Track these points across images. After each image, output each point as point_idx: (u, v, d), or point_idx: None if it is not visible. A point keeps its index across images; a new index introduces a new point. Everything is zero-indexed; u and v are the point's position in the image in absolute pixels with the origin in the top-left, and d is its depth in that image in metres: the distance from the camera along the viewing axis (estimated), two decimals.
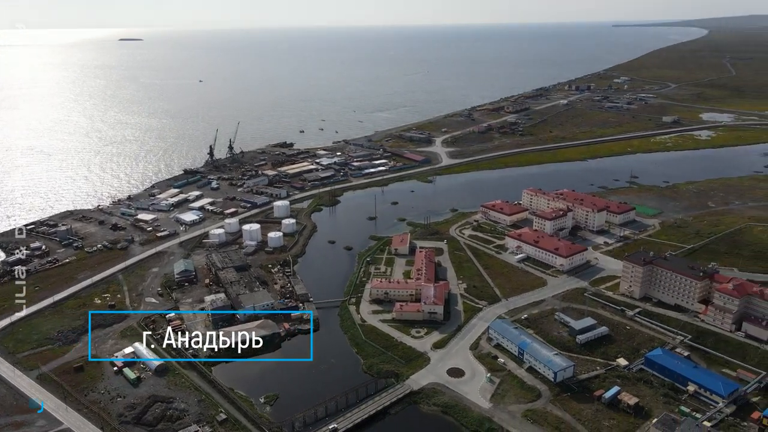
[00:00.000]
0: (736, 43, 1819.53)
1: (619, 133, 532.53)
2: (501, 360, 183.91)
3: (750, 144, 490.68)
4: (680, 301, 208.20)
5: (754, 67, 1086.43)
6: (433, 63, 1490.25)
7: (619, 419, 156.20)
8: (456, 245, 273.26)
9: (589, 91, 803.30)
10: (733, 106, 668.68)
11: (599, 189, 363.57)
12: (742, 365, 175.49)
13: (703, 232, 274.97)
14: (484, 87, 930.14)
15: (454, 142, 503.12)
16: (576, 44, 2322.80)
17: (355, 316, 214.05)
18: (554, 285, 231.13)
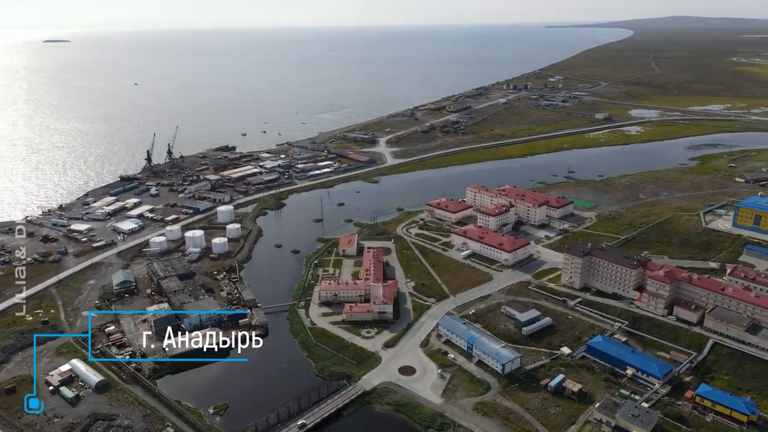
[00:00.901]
0: (659, 42, 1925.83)
1: (556, 130, 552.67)
2: (451, 355, 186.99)
3: (675, 138, 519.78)
4: (617, 290, 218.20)
5: (676, 66, 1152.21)
6: (376, 64, 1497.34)
7: (564, 406, 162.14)
8: (403, 244, 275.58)
9: (527, 90, 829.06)
10: (658, 103, 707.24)
11: (539, 184, 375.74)
12: (674, 347, 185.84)
13: (635, 222, 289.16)
14: (425, 87, 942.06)
15: (398, 142, 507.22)
16: (511, 45, 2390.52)
17: (305, 319, 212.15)
18: (500, 279, 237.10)
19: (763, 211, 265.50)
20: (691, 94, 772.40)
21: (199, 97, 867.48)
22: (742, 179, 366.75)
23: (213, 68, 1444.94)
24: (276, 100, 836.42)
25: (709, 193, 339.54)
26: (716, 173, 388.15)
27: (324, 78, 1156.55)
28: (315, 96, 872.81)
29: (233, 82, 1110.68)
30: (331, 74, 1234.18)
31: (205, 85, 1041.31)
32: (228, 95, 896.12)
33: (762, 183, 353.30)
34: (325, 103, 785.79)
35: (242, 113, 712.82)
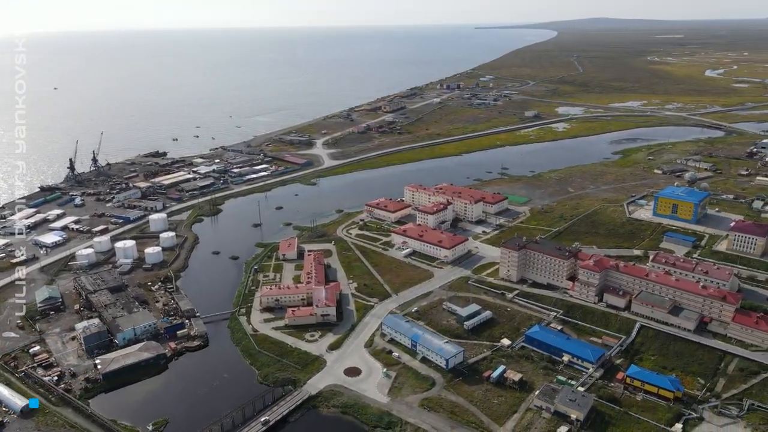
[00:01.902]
0: (581, 43, 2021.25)
1: (489, 128, 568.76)
2: (395, 354, 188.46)
3: (598, 134, 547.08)
4: (551, 280, 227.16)
5: (597, 65, 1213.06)
6: (311, 65, 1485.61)
7: (506, 396, 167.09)
8: (344, 246, 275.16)
9: (459, 90, 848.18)
10: (582, 101, 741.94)
11: (475, 181, 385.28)
12: (606, 332, 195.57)
13: (566, 215, 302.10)
14: (361, 88, 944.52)
15: (335, 144, 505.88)
16: (443, 45, 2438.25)
17: (247, 326, 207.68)
18: (440, 276, 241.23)
19: (680, 200, 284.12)
20: (612, 92, 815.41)
21: (127, 101, 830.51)
22: (660, 171, 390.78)
23: (142, 70, 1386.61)
24: (208, 103, 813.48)
25: (632, 184, 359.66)
26: (637, 166, 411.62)
27: (259, 80, 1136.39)
28: (249, 98, 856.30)
29: (162, 85, 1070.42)
30: (266, 76, 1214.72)
31: (133, 88, 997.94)
32: (156, 99, 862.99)
33: (677, 174, 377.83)
34: (260, 106, 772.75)
35: (173, 117, 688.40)
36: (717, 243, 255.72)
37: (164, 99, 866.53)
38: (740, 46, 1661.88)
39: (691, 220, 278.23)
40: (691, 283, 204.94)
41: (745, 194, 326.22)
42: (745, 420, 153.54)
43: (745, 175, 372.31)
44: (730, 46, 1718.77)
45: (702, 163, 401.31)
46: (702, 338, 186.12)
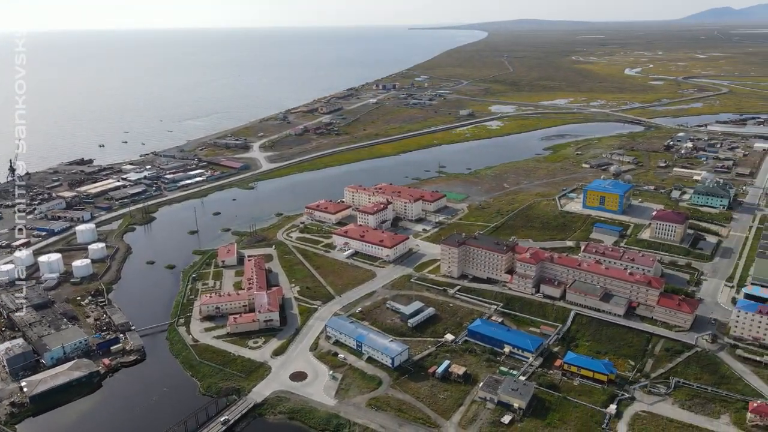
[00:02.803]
0: (511, 43, 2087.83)
1: (425, 128, 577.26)
2: (341, 356, 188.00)
3: (530, 131, 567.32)
4: (491, 274, 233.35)
5: (526, 64, 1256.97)
6: (245, 67, 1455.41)
7: (451, 390, 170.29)
8: (285, 249, 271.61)
9: (395, 90, 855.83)
10: (513, 99, 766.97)
11: (413, 180, 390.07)
12: (543, 322, 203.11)
13: (502, 210, 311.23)
14: (297, 89, 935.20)
15: (272, 146, 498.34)
16: (378, 46, 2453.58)
17: (186, 337, 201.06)
18: (383, 275, 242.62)
19: (607, 193, 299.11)
20: (541, 90, 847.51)
21: (48, 106, 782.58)
22: (588, 165, 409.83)
23: (62, 73, 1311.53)
24: (137, 107, 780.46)
25: (562, 179, 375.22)
26: (566, 161, 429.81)
27: (190, 83, 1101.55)
28: (181, 102, 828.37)
29: (85, 88, 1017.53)
30: (198, 79, 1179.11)
31: (52, 92, 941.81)
32: (79, 103, 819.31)
33: (603, 167, 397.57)
34: (192, 109, 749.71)
35: (99, 123, 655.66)
36: (641, 232, 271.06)
37: (91, 103, 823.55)
38: (655, 46, 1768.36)
39: (617, 211, 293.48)
40: (620, 270, 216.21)
41: (664, 185, 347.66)
42: (673, 397, 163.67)
43: (664, 166, 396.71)
44: (647, 46, 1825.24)
45: (625, 157, 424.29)
46: (631, 322, 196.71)
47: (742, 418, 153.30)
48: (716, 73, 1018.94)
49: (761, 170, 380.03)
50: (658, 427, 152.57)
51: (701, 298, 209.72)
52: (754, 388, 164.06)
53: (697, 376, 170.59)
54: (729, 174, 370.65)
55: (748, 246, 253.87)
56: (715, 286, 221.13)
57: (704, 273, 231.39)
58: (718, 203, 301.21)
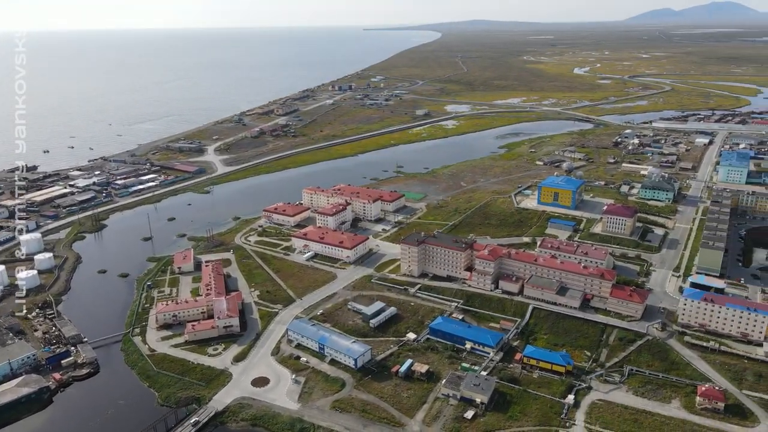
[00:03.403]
0: (464, 44, 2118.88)
1: (382, 128, 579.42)
2: (304, 359, 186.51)
3: (485, 130, 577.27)
4: (451, 272, 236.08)
5: (480, 64, 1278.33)
6: (197, 68, 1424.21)
7: (415, 388, 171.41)
8: (243, 253, 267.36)
9: (351, 90, 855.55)
10: (468, 98, 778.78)
11: (372, 180, 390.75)
12: (503, 317, 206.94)
13: (460, 208, 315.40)
14: (252, 91, 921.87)
15: (227, 149, 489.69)
16: (333, 47, 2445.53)
17: (142, 347, 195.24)
18: (343, 277, 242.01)
19: (560, 189, 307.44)
20: (494, 90, 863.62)
21: None
22: (541, 162, 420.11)
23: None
24: (84, 111, 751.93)
25: (517, 176, 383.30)
26: (521, 158, 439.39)
27: (139, 85, 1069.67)
28: (130, 105, 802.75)
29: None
30: (148, 81, 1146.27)
31: None
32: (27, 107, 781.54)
33: (556, 164, 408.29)
34: (143, 113, 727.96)
35: (40, 127, 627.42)
36: (593, 226, 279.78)
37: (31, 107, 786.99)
38: (602, 46, 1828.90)
39: (571, 206, 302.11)
40: (574, 264, 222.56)
41: (614, 180, 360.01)
42: (627, 384, 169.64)
43: (613, 162, 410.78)
44: (594, 46, 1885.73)
45: (576, 154, 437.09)
46: (586, 314, 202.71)
47: (691, 402, 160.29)
48: (659, 72, 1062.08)
49: (702, 164, 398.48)
50: (613, 414, 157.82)
51: (651, 288, 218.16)
52: (701, 372, 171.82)
53: (648, 363, 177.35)
54: (673, 168, 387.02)
55: (693, 237, 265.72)
56: (663, 276, 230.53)
57: (653, 264, 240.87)
58: (664, 197, 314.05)
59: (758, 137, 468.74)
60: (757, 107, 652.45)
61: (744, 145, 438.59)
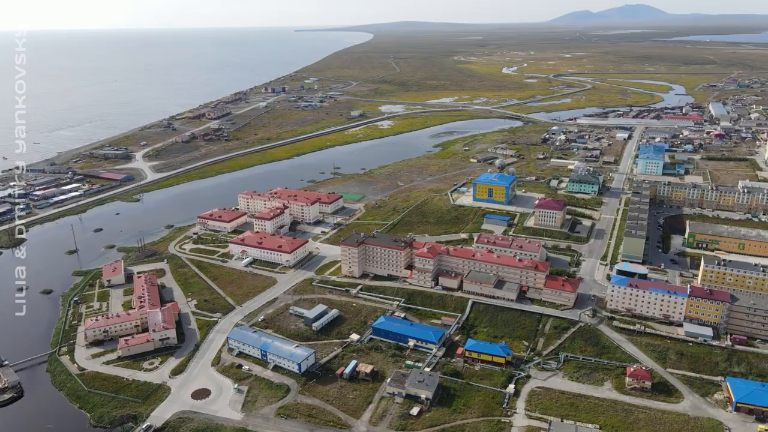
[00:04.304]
0: (395, 44, 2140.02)
1: (318, 130, 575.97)
2: (246, 367, 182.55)
3: (419, 129, 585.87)
4: (391, 271, 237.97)
5: (412, 65, 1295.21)
6: (118, 71, 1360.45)
7: (360, 389, 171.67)
8: (178, 262, 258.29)
9: (285, 92, 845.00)
10: (402, 98, 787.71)
11: (309, 183, 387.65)
12: (444, 313, 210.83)
13: (398, 208, 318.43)
14: (181, 94, 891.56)
15: (157, 155, 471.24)
16: (264, 48, 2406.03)
17: (71, 366, 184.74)
18: (284, 281, 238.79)
19: (494, 185, 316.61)
20: (427, 90, 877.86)
21: None
22: (475, 160, 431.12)
23: None
24: None
25: (453, 174, 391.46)
26: (455, 156, 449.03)
27: (58, 89, 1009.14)
28: (47, 111, 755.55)
29: None
30: (65, 85, 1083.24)
31: None
32: None
33: (489, 161, 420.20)
34: (61, 119, 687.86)
35: None
36: (526, 220, 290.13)
37: None
38: (528, 47, 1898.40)
39: (504, 201, 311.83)
40: (510, 258, 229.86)
41: (544, 175, 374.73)
42: (563, 370, 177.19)
43: (542, 158, 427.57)
44: (520, 46, 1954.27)
45: (508, 151, 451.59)
46: (523, 305, 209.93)
47: (622, 383, 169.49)
48: (581, 70, 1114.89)
49: (623, 158, 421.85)
50: (551, 400, 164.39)
51: (581, 278, 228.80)
52: (629, 354, 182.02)
53: (582, 349, 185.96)
54: (597, 162, 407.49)
55: (617, 227, 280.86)
56: (592, 265, 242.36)
57: (582, 254, 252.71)
58: (590, 189, 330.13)
59: (671, 131, 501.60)
60: (669, 103, 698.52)
61: (659, 138, 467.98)
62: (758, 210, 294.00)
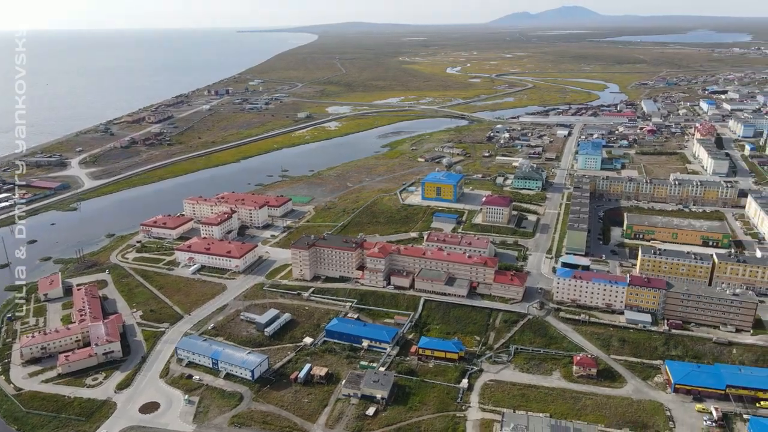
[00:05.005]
0: (341, 45, 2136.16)
1: (264, 132, 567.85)
2: (196, 377, 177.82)
3: (367, 130, 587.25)
4: (343, 273, 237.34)
5: (358, 66, 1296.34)
6: (53, 75, 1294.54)
7: (315, 392, 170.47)
8: (121, 272, 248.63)
9: (229, 95, 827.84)
10: (349, 99, 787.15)
11: (257, 186, 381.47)
12: (397, 312, 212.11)
13: (348, 209, 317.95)
14: (119, 98, 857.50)
15: (95, 162, 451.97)
16: (206, 50, 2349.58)
17: (6, 386, 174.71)
18: (234, 287, 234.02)
19: (442, 184, 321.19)
20: (374, 90, 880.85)
21: None
22: (423, 159, 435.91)
23: None
24: None
25: (401, 174, 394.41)
26: (403, 156, 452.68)
27: None
28: None
29: None
30: None
31: None
32: None
33: (437, 160, 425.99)
34: None
35: None
36: (474, 217, 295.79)
37: None
38: (470, 47, 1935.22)
39: (453, 199, 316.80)
40: (460, 255, 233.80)
41: (490, 172, 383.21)
42: (514, 362, 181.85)
43: (488, 156, 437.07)
44: (463, 47, 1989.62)
45: (455, 149, 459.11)
46: (473, 301, 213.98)
47: (569, 371, 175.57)
48: (522, 70, 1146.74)
49: (564, 154, 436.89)
50: (503, 392, 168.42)
51: (529, 271, 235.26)
52: (576, 344, 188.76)
53: (531, 340, 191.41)
54: (540, 159, 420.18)
55: (561, 221, 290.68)
56: (539, 258, 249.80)
57: (529, 248, 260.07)
58: (534, 185, 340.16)
59: (608, 128, 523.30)
60: (605, 101, 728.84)
61: (597, 135, 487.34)
62: (688, 201, 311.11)
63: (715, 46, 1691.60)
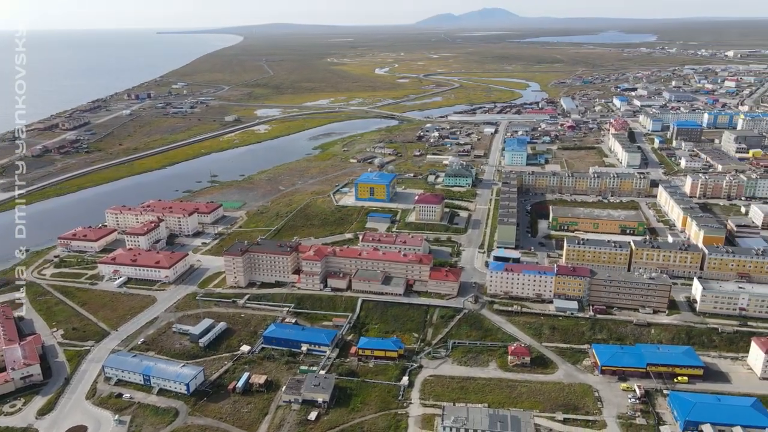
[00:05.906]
0: (268, 47, 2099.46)
1: (190, 137, 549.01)
2: (127, 395, 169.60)
3: (297, 132, 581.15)
4: (278, 278, 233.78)
5: (286, 67, 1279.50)
6: None
7: (255, 401, 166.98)
8: (38, 290, 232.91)
9: (151, 99, 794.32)
10: (277, 102, 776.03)
11: (185, 193, 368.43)
12: (335, 314, 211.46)
13: (281, 212, 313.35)
14: (27, 103, 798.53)
15: (2, 173, 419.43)
16: (124, 52, 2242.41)
17: None
18: (164, 299, 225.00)
19: (375, 184, 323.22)
20: (303, 92, 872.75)
21: None
22: (355, 160, 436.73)
23: None
24: None
25: (334, 175, 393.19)
26: (335, 158, 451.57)
27: None
28: None
29: None
30: None
31: None
32: None
33: (369, 161, 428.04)
34: None
35: None
36: (408, 215, 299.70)
37: None
38: (397, 48, 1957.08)
39: (386, 199, 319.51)
40: (395, 253, 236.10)
41: (421, 171, 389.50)
42: (452, 357, 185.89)
43: (419, 155, 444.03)
44: (390, 48, 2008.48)
45: (386, 149, 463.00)
46: (410, 299, 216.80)
47: (504, 361, 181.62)
48: (448, 70, 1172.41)
49: (492, 151, 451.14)
50: (443, 386, 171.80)
51: (463, 267, 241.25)
52: (510, 334, 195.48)
53: (467, 334, 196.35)
54: (469, 156, 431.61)
55: (491, 216, 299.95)
56: (472, 254, 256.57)
57: (462, 244, 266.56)
58: (464, 182, 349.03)
59: (531, 125, 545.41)
60: (527, 99, 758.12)
61: (521, 132, 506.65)
62: (607, 192, 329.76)
63: (625, 46, 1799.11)
